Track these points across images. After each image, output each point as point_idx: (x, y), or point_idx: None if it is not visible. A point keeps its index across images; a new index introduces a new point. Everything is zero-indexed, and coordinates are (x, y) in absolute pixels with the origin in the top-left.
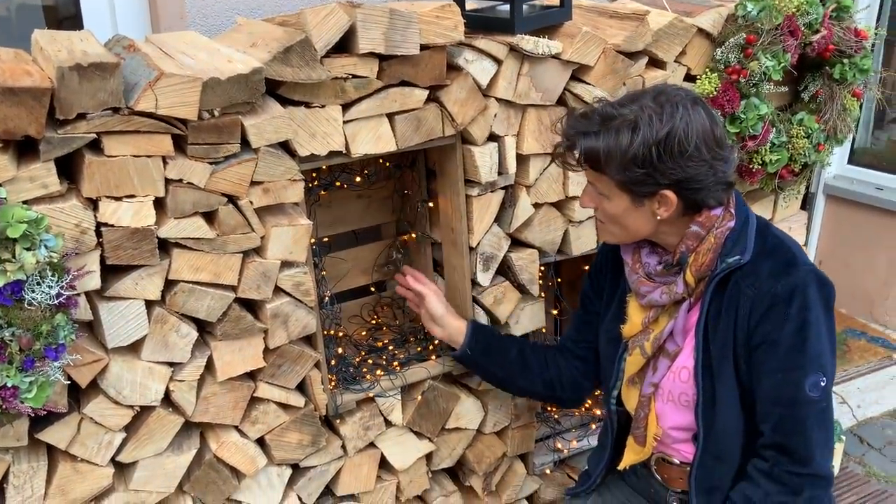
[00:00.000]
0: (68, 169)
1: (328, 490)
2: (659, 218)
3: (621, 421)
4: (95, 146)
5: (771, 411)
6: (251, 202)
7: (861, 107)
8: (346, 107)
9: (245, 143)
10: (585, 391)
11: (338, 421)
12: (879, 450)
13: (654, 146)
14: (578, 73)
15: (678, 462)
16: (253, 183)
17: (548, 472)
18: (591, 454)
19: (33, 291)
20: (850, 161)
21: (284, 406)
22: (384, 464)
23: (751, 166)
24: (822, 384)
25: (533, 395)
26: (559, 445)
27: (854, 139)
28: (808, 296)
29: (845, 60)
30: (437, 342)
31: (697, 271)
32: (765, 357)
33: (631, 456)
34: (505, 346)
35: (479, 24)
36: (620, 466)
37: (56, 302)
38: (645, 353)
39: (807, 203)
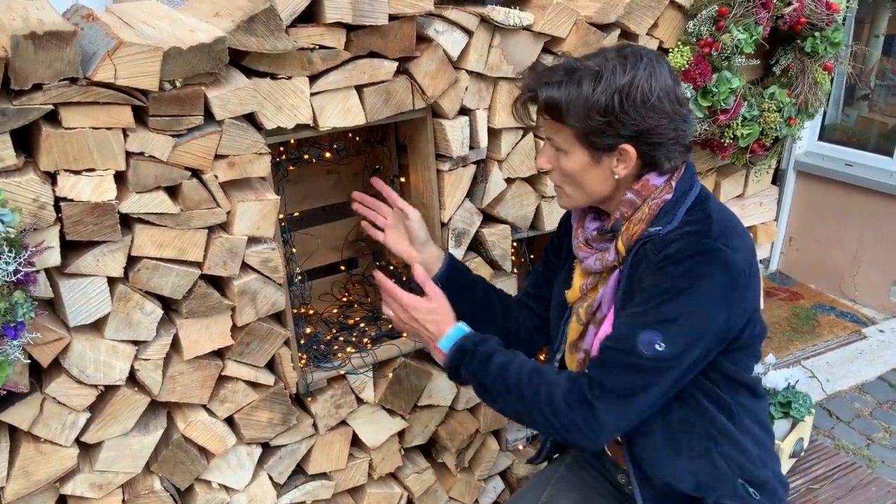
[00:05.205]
0: (25, 142)
1: (299, 469)
2: (617, 176)
3: None
4: (53, 118)
5: (600, 349)
6: (216, 176)
7: (832, 81)
8: (313, 78)
9: (209, 116)
10: (538, 346)
11: (309, 399)
12: (848, 423)
13: (616, 93)
14: (550, 45)
15: (618, 440)
16: (217, 156)
17: (521, 447)
18: None
19: None
20: (821, 137)
21: (254, 384)
22: (356, 442)
23: (722, 140)
24: (658, 348)
25: None
26: None
27: (824, 116)
28: (700, 270)
29: (816, 34)
30: None
31: (628, 241)
32: (627, 303)
33: None
34: (475, 287)
35: None
36: None
37: (14, 279)
38: (580, 321)
39: (778, 179)
